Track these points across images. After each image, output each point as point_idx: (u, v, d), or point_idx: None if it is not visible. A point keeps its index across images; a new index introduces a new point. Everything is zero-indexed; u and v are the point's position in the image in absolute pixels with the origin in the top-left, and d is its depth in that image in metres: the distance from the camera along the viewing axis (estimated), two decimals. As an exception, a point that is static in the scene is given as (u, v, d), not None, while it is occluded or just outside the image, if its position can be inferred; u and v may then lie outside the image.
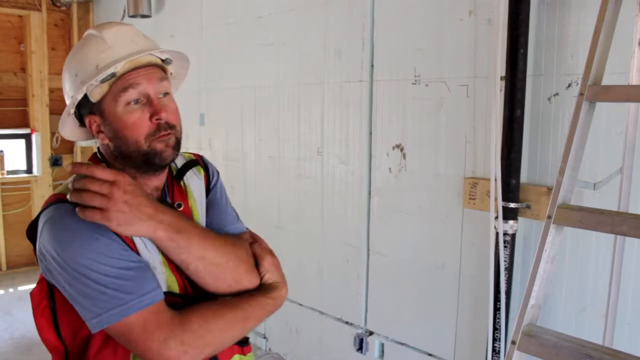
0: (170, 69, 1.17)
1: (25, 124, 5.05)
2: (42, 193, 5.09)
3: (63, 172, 5.23)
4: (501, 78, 1.96)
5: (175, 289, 1.09)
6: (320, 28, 2.80)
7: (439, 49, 2.27)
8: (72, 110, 1.11)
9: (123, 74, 1.06)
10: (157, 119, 1.07)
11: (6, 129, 4.95)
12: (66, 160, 5.25)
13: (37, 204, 5.06)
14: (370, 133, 2.60)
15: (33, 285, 1.12)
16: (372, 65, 2.56)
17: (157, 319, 0.98)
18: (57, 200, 1.04)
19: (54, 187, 5.18)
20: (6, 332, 3.75)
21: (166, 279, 1.08)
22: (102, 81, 1.05)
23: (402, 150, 2.45)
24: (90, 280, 0.97)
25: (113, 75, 1.05)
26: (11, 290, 4.59)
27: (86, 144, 5.20)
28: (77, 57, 1.10)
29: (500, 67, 1.95)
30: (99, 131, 1.10)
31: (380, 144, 2.55)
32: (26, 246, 5.13)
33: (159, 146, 1.08)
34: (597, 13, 1.46)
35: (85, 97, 1.08)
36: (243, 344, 1.23)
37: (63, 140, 5.19)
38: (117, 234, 1.01)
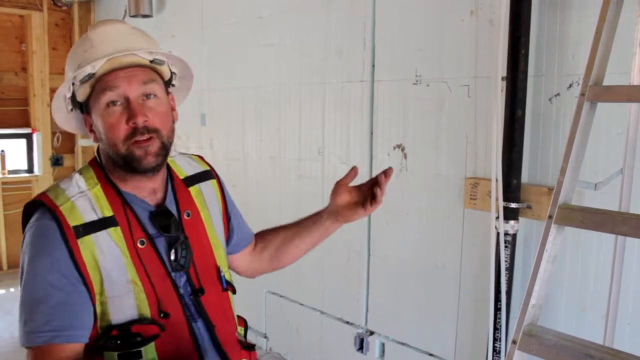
0: (163, 68, 1.13)
1: (26, 124, 5.05)
2: (43, 193, 5.09)
3: (64, 172, 5.24)
4: (502, 78, 1.96)
5: (146, 310, 1.05)
6: (321, 28, 2.80)
7: (440, 49, 2.27)
8: (70, 107, 1.12)
9: (103, 75, 1.04)
10: (132, 123, 1.04)
11: (7, 128, 4.95)
12: (67, 160, 5.25)
13: (38, 204, 5.06)
14: (371, 133, 2.60)
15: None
16: (373, 66, 2.56)
17: None
18: (42, 205, 1.06)
19: (55, 187, 5.18)
20: (6, 331, 3.75)
21: (135, 298, 1.04)
22: (82, 81, 1.04)
23: (403, 150, 2.45)
24: (25, 293, 1.05)
25: (91, 75, 1.03)
26: (12, 289, 4.59)
27: (86, 143, 5.21)
28: (70, 55, 1.11)
29: (501, 67, 1.95)
30: (91, 130, 1.11)
31: (381, 144, 2.55)
32: (27, 246, 5.15)
33: (138, 152, 1.05)
34: (599, 13, 1.46)
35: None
36: (250, 348, 1.23)
37: (64, 140, 5.19)
38: (72, 256, 1.01)
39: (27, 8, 4.89)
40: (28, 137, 5.10)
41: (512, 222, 1.97)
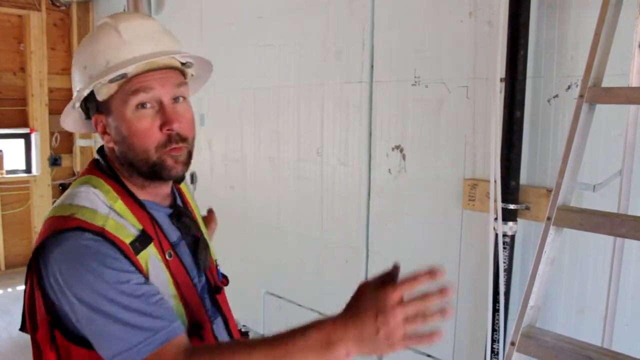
0: (191, 71, 1.09)
1: (25, 124, 5.04)
2: (41, 193, 5.08)
3: (62, 172, 5.22)
4: (501, 79, 1.96)
5: (184, 324, 1.00)
6: (321, 29, 2.80)
7: (439, 50, 2.27)
8: (77, 104, 1.03)
9: (136, 75, 0.97)
10: (167, 130, 0.99)
11: (5, 128, 4.95)
12: (65, 160, 5.24)
13: (36, 204, 5.06)
14: (370, 134, 2.60)
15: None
16: (372, 66, 2.56)
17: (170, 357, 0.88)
18: (82, 230, 0.92)
19: (53, 187, 5.17)
20: (5, 331, 3.75)
21: (178, 314, 0.98)
22: (111, 81, 0.96)
23: (401, 151, 2.45)
24: (109, 315, 0.88)
25: (124, 75, 0.96)
26: (10, 290, 4.58)
27: (85, 143, 5.20)
28: (89, 49, 1.01)
29: (500, 68, 1.95)
30: (105, 132, 1.02)
31: (380, 145, 2.55)
32: (25, 246, 5.12)
33: (169, 161, 1.00)
34: (598, 15, 1.46)
35: (93, 93, 0.99)
36: (246, 335, 1.24)
37: (62, 140, 5.18)
38: (133, 263, 0.92)
39: (26, 8, 4.88)
40: (26, 137, 5.09)
41: (510, 223, 1.96)
